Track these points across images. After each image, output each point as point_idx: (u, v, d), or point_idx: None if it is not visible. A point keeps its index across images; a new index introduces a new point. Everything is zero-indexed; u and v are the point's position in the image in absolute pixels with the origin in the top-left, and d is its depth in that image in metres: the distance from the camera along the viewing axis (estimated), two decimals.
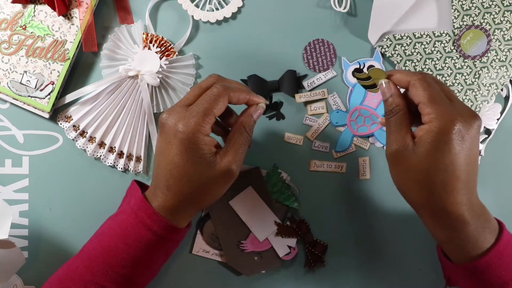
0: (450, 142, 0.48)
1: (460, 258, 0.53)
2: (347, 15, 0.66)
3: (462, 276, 0.54)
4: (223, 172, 0.52)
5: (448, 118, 0.48)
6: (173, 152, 0.51)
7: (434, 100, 0.50)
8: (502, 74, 0.64)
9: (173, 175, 0.52)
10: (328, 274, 0.66)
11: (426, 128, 0.49)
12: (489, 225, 0.52)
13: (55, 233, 0.66)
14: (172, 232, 0.55)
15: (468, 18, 0.63)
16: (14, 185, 0.66)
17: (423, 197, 0.50)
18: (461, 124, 0.48)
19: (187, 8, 0.65)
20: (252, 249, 0.64)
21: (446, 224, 0.51)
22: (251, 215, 0.65)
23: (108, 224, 0.57)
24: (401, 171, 0.51)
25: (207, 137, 0.52)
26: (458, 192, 0.49)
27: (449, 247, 0.54)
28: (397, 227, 0.66)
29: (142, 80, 0.63)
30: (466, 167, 0.49)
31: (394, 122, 0.52)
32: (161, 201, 0.53)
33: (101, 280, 0.53)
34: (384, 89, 0.53)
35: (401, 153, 0.50)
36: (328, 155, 0.66)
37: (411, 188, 0.51)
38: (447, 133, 0.48)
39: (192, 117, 0.51)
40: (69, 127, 0.65)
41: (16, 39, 0.63)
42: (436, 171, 0.49)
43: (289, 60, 0.66)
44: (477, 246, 0.51)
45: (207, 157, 0.52)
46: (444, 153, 0.48)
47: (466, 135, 0.48)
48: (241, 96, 0.54)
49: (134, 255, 0.54)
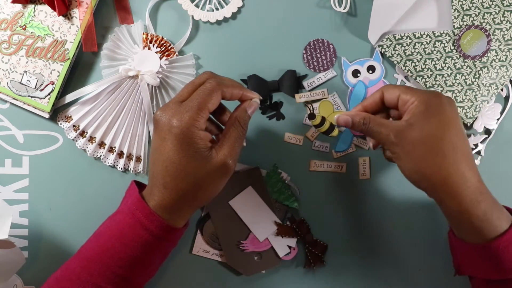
0: (442, 106, 0.52)
1: (478, 239, 0.53)
2: (347, 15, 0.66)
3: (476, 259, 0.54)
4: (219, 166, 0.52)
5: (431, 94, 0.53)
6: (168, 148, 0.52)
7: (410, 89, 0.54)
8: (502, 74, 0.64)
9: (169, 172, 0.52)
10: (328, 274, 0.66)
11: (415, 104, 0.52)
12: (499, 204, 0.53)
13: (55, 233, 0.66)
14: (169, 231, 0.54)
15: (468, 18, 0.63)
16: (14, 185, 0.66)
17: (439, 166, 0.51)
18: (443, 97, 0.53)
19: (187, 8, 0.65)
20: (252, 249, 0.64)
21: (470, 194, 0.51)
22: (251, 215, 0.65)
23: (106, 224, 0.57)
24: (409, 150, 0.52)
25: (202, 131, 0.52)
26: (467, 156, 0.52)
27: (469, 226, 0.53)
28: (397, 227, 0.66)
29: (142, 80, 0.63)
30: (464, 133, 0.53)
31: (374, 125, 0.54)
32: (158, 199, 0.53)
33: (98, 280, 0.53)
34: (343, 119, 0.56)
35: (400, 136, 0.52)
36: (328, 155, 0.66)
37: (425, 162, 0.52)
38: (436, 101, 0.52)
39: (186, 112, 0.51)
40: (69, 127, 0.65)
41: (16, 39, 0.63)
42: (442, 131, 0.51)
43: (289, 60, 0.66)
44: (496, 223, 0.52)
45: (202, 152, 0.52)
46: (441, 115, 0.52)
47: (451, 103, 0.53)
48: (234, 91, 0.54)
49: (131, 255, 0.54)
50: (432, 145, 0.51)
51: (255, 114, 0.57)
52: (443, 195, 0.52)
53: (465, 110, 0.64)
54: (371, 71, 0.65)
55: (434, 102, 0.52)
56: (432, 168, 0.52)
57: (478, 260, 0.54)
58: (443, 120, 0.52)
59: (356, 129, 0.56)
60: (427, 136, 0.51)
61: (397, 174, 0.66)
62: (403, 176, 0.54)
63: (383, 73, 0.65)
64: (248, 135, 0.62)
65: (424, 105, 0.52)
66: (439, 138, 0.51)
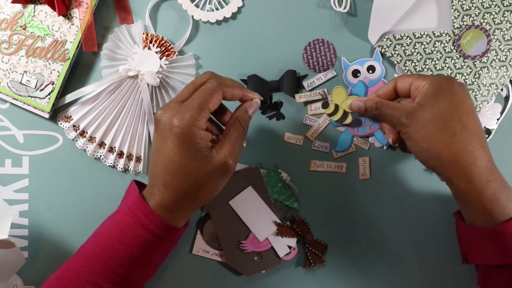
0: (453, 87, 0.53)
1: (487, 222, 0.53)
2: (347, 15, 0.66)
3: (485, 243, 0.54)
4: (219, 166, 0.52)
5: (442, 78, 0.54)
6: (169, 147, 0.52)
7: (423, 75, 0.56)
8: (502, 74, 0.64)
9: (170, 171, 0.52)
10: (328, 274, 0.66)
11: (426, 87, 0.53)
12: (509, 188, 0.53)
13: (55, 233, 0.66)
14: (169, 231, 0.54)
15: (468, 18, 0.63)
16: (14, 185, 0.66)
17: (449, 143, 0.52)
18: (455, 81, 0.54)
19: (187, 8, 0.65)
20: (252, 249, 0.64)
21: (479, 173, 0.52)
22: (251, 215, 0.65)
23: (106, 224, 0.57)
24: (419, 130, 0.53)
25: (202, 131, 0.52)
26: (478, 134, 0.52)
27: (478, 207, 0.53)
28: (397, 227, 0.66)
29: (142, 80, 0.63)
30: (475, 112, 0.53)
31: (387, 109, 0.55)
32: (158, 199, 0.53)
33: (98, 279, 0.53)
34: (356, 104, 0.58)
35: (411, 117, 0.53)
36: (328, 155, 0.66)
37: (435, 140, 0.52)
38: (447, 83, 0.53)
39: (187, 111, 0.52)
40: (69, 127, 0.65)
41: (16, 39, 0.63)
42: (451, 111, 0.52)
43: (289, 60, 0.66)
44: (506, 205, 0.52)
45: (203, 151, 0.52)
46: (451, 96, 0.52)
47: (462, 86, 0.54)
48: (235, 91, 0.55)
49: (130, 255, 0.54)
50: (442, 124, 0.52)
51: (255, 114, 0.57)
52: (452, 174, 0.53)
53: None
54: (371, 71, 0.65)
55: (445, 84, 0.53)
56: (441, 146, 0.52)
57: (486, 246, 0.54)
58: (453, 100, 0.52)
59: (369, 114, 0.57)
60: (436, 115, 0.52)
61: (397, 174, 0.66)
62: (403, 176, 0.55)
63: (383, 73, 0.65)
64: (248, 135, 0.62)
65: (435, 87, 0.53)
66: (448, 117, 0.52)
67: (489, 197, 0.52)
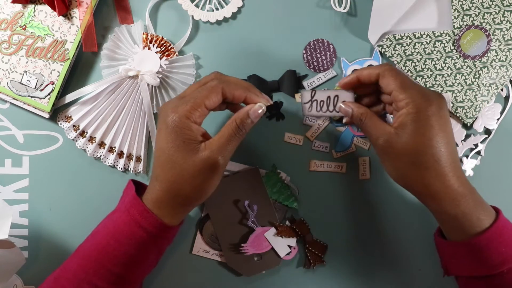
0: (430, 119, 0.52)
1: (461, 237, 0.54)
2: (347, 15, 0.66)
3: (461, 256, 0.55)
4: (205, 159, 0.52)
5: (423, 99, 0.52)
6: (161, 137, 0.53)
7: (406, 86, 0.53)
8: (502, 74, 0.64)
9: (160, 161, 0.53)
10: (328, 274, 0.66)
11: (404, 112, 0.52)
12: (484, 205, 0.54)
13: (55, 233, 0.66)
14: (163, 229, 0.55)
15: (468, 18, 0.63)
16: (14, 185, 0.66)
17: (421, 176, 0.52)
18: (435, 103, 0.52)
19: (187, 8, 0.65)
20: (253, 252, 0.64)
21: (449, 198, 0.52)
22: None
23: (103, 222, 0.57)
24: (393, 158, 0.53)
25: (194, 124, 0.53)
26: (451, 165, 0.52)
27: (451, 225, 0.54)
28: (397, 227, 0.66)
29: (142, 80, 0.63)
30: (451, 142, 0.53)
31: (369, 124, 0.55)
32: (152, 192, 0.54)
33: (94, 278, 0.54)
34: (344, 109, 0.57)
35: (387, 142, 0.53)
36: (328, 155, 0.66)
37: (408, 172, 0.53)
38: (425, 112, 0.52)
39: (182, 104, 0.53)
40: (69, 127, 0.65)
41: (16, 39, 0.63)
42: (425, 147, 0.52)
43: (289, 60, 0.66)
44: (477, 223, 0.53)
45: (190, 143, 0.52)
46: (427, 129, 0.52)
47: (441, 112, 0.52)
48: (237, 92, 0.54)
49: (125, 253, 0.54)
50: (415, 158, 0.52)
51: None
52: (423, 200, 0.55)
53: (465, 110, 0.64)
54: None
55: (423, 111, 0.52)
56: (413, 179, 0.53)
57: (462, 258, 0.55)
58: (429, 134, 0.52)
59: (354, 121, 0.57)
60: (411, 150, 0.52)
61: None
62: None
63: None
64: (248, 135, 0.62)
65: (412, 115, 0.52)
66: (422, 152, 0.52)
67: (459, 217, 0.53)
